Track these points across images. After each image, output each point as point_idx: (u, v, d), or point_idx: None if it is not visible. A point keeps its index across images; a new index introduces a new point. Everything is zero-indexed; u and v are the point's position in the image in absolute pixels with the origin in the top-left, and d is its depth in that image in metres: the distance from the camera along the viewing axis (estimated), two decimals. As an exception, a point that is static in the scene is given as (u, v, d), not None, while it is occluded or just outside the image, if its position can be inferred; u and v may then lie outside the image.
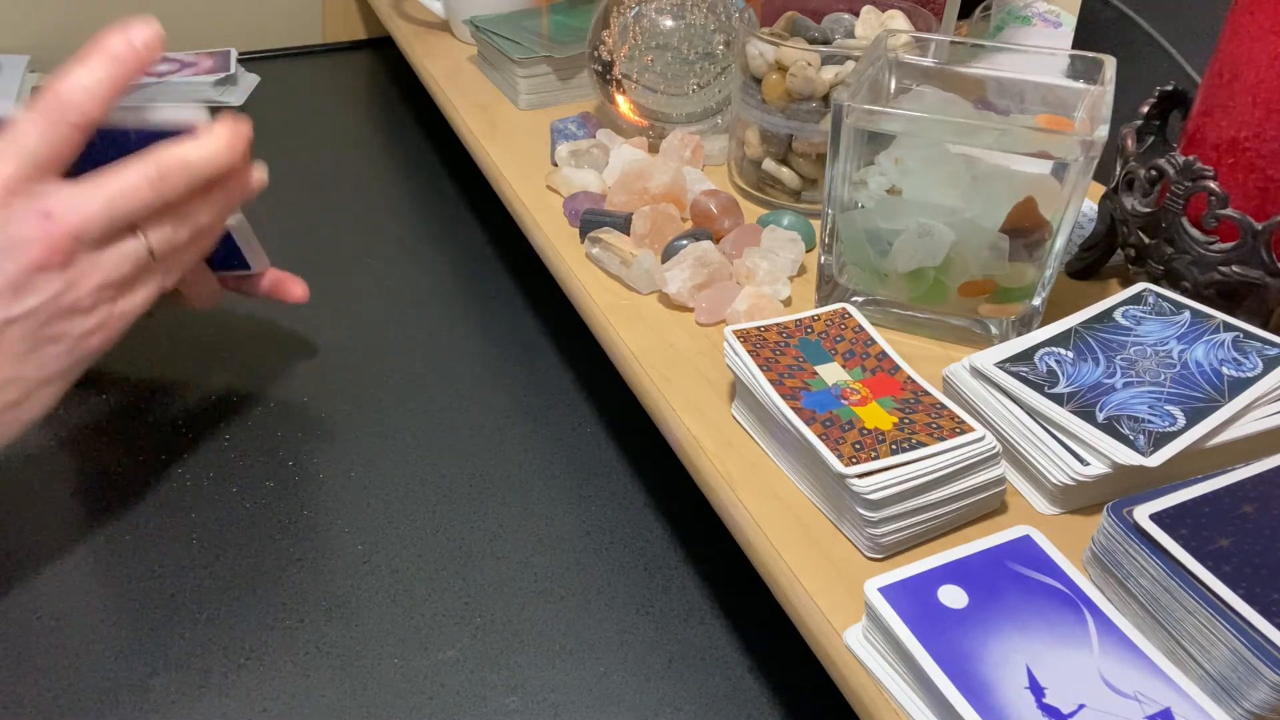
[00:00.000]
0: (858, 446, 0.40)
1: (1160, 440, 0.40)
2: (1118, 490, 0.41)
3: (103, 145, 0.43)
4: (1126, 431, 0.40)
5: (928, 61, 0.54)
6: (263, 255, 0.57)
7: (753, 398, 0.45)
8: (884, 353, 0.46)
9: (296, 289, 0.58)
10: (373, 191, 0.86)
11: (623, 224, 0.59)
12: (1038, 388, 0.43)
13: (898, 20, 0.61)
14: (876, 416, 0.42)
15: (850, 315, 0.48)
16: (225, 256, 0.55)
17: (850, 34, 0.62)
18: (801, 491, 0.43)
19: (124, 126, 0.44)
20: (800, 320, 0.48)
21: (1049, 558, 0.36)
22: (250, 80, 1.04)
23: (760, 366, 0.44)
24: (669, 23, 0.67)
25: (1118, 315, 0.47)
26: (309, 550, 0.52)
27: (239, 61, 1.04)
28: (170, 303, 0.55)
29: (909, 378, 0.44)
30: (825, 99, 0.59)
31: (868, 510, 0.38)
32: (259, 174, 0.50)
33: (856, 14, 0.63)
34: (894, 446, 0.40)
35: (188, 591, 0.49)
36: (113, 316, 0.44)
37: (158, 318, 0.58)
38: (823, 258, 0.52)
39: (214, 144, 0.44)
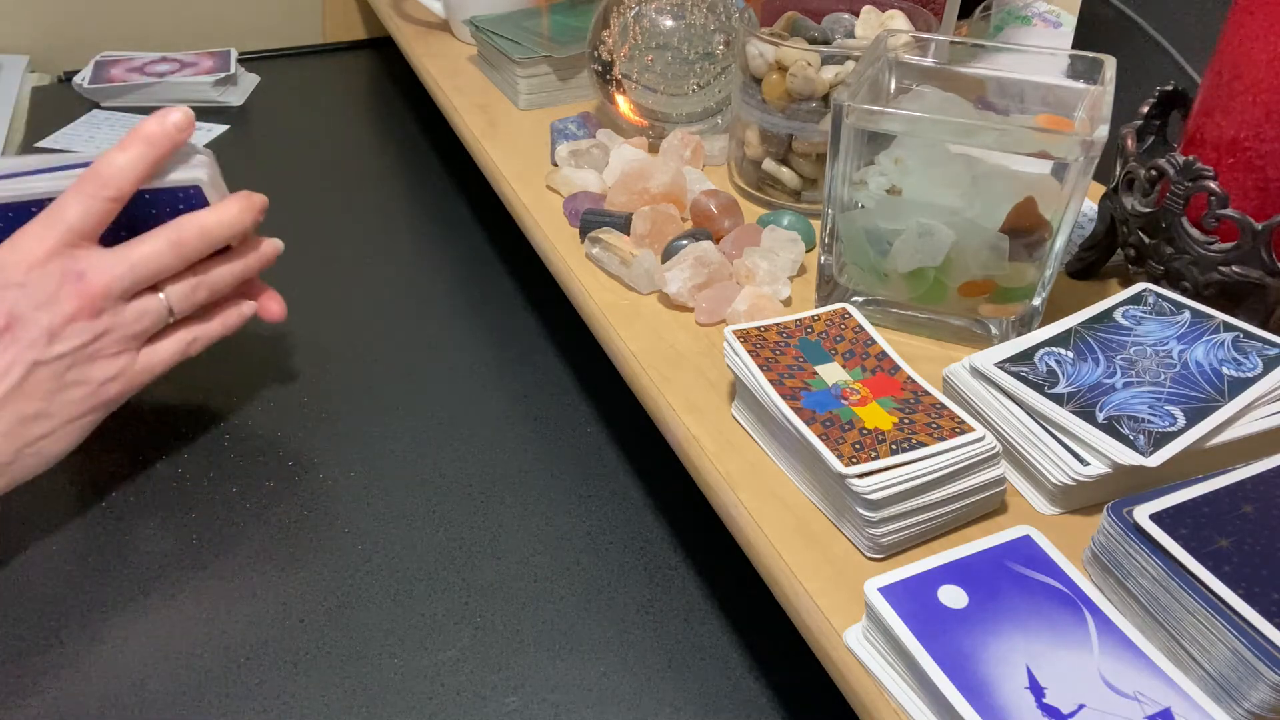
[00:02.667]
0: (858, 446, 0.40)
1: (1160, 440, 0.40)
2: (1118, 490, 0.41)
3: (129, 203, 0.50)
4: (1126, 431, 0.40)
5: (928, 61, 0.54)
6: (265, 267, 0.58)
7: (753, 398, 0.45)
8: (884, 353, 0.46)
9: (274, 306, 0.59)
10: (372, 192, 0.86)
11: (623, 224, 0.59)
12: (1038, 388, 0.43)
13: (898, 20, 0.61)
14: (876, 416, 0.42)
15: (850, 315, 0.48)
16: None
17: (850, 34, 0.62)
18: (801, 491, 0.43)
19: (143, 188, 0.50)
20: (800, 320, 0.48)
21: (1049, 558, 0.36)
22: (250, 80, 1.04)
23: (760, 366, 0.44)
24: (669, 23, 0.67)
25: (1118, 315, 0.47)
26: (309, 550, 0.52)
27: (239, 61, 1.04)
28: None
29: (909, 378, 0.44)
30: (825, 99, 0.59)
31: (868, 510, 0.38)
32: (273, 243, 0.56)
33: (856, 14, 0.63)
34: (894, 446, 0.40)
35: (188, 592, 0.49)
36: (133, 367, 0.50)
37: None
38: (823, 258, 0.52)
39: (227, 212, 0.51)
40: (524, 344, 0.68)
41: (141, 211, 0.51)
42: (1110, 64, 0.50)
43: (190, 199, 0.52)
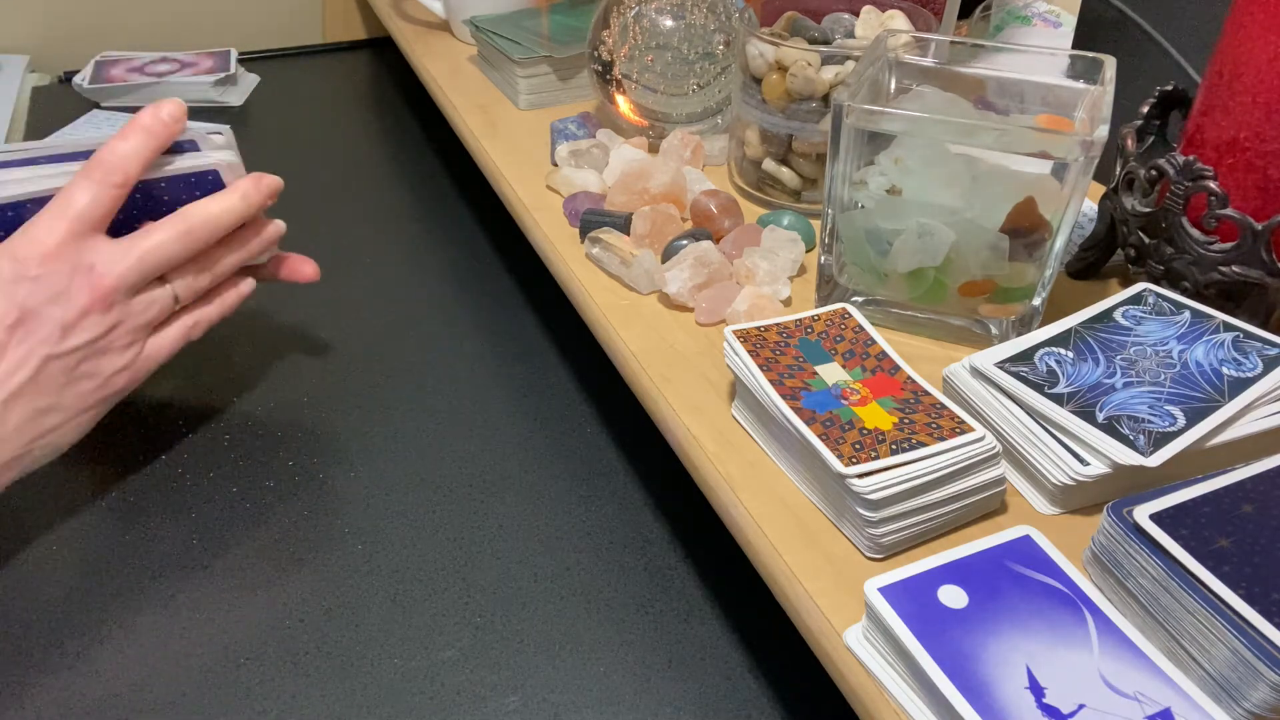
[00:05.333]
0: (858, 446, 0.40)
1: (1160, 440, 0.40)
2: (1118, 490, 0.41)
3: (141, 191, 0.51)
4: (1126, 431, 0.40)
5: (928, 61, 0.54)
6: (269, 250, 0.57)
7: (753, 398, 0.45)
8: (884, 353, 0.46)
9: (307, 268, 0.60)
10: (372, 192, 0.86)
11: (623, 224, 0.59)
12: (1038, 388, 0.43)
13: (898, 20, 0.61)
14: (876, 416, 0.42)
15: (850, 315, 0.48)
16: None
17: (850, 34, 0.62)
18: (801, 491, 0.43)
19: (151, 177, 0.51)
20: (800, 320, 0.48)
21: (1049, 558, 0.36)
22: (250, 80, 1.04)
23: (760, 366, 0.44)
24: (669, 23, 0.67)
25: (1118, 315, 0.47)
26: (309, 550, 0.52)
27: (239, 61, 1.04)
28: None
29: (909, 378, 0.44)
30: (825, 99, 0.59)
31: (868, 510, 0.38)
32: (276, 225, 0.56)
33: (856, 14, 0.63)
34: (894, 446, 0.40)
35: (188, 592, 0.49)
36: (140, 358, 0.50)
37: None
38: (823, 258, 0.52)
39: (233, 198, 0.52)
40: (524, 344, 0.68)
41: (156, 199, 0.51)
42: (1110, 64, 0.50)
43: (207, 184, 0.52)
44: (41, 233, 0.46)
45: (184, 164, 0.51)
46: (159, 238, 0.49)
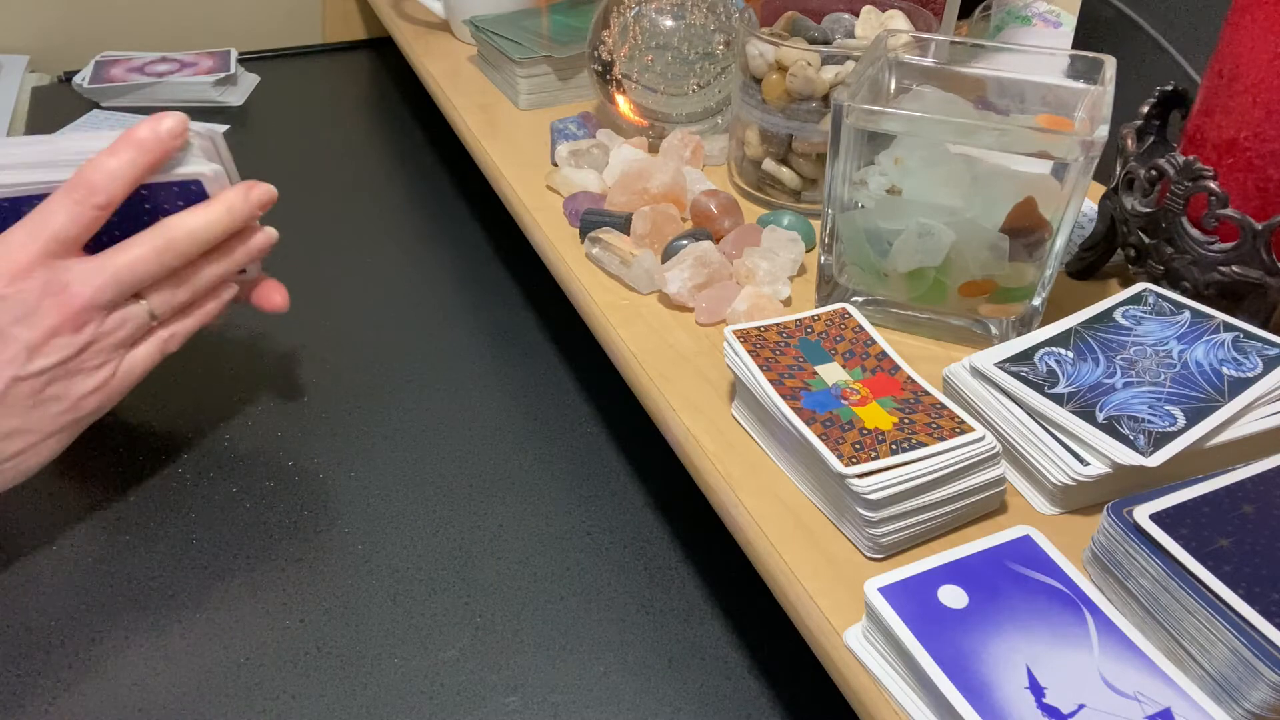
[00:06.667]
0: (858, 446, 0.40)
1: (1160, 440, 0.40)
2: (1118, 490, 0.41)
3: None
4: (1126, 431, 0.40)
5: (928, 61, 0.54)
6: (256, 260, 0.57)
7: (753, 398, 0.45)
8: (884, 353, 0.46)
9: (277, 296, 0.56)
10: (372, 191, 0.86)
11: (623, 224, 0.59)
12: (1038, 388, 0.43)
13: (898, 20, 0.61)
14: (876, 416, 0.42)
15: (850, 315, 0.48)
16: None
17: (850, 34, 0.62)
18: (801, 491, 0.43)
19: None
20: (800, 320, 0.48)
21: (1049, 558, 0.36)
22: (250, 80, 1.04)
23: (760, 366, 0.44)
24: (669, 23, 0.67)
25: (1118, 315, 0.47)
26: (309, 550, 0.52)
27: (239, 61, 1.04)
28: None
29: (909, 378, 0.44)
30: (825, 99, 0.59)
31: (868, 510, 0.38)
32: (267, 233, 0.53)
33: (856, 14, 0.63)
34: (894, 446, 0.40)
35: (188, 591, 0.49)
36: (113, 379, 0.48)
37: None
38: (823, 258, 0.52)
39: (217, 212, 0.49)
40: (524, 343, 0.68)
41: (136, 207, 0.49)
42: (1110, 64, 0.50)
43: (191, 194, 0.49)
44: (14, 250, 0.44)
45: (175, 171, 0.48)
46: (135, 253, 0.46)
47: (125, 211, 0.48)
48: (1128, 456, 0.39)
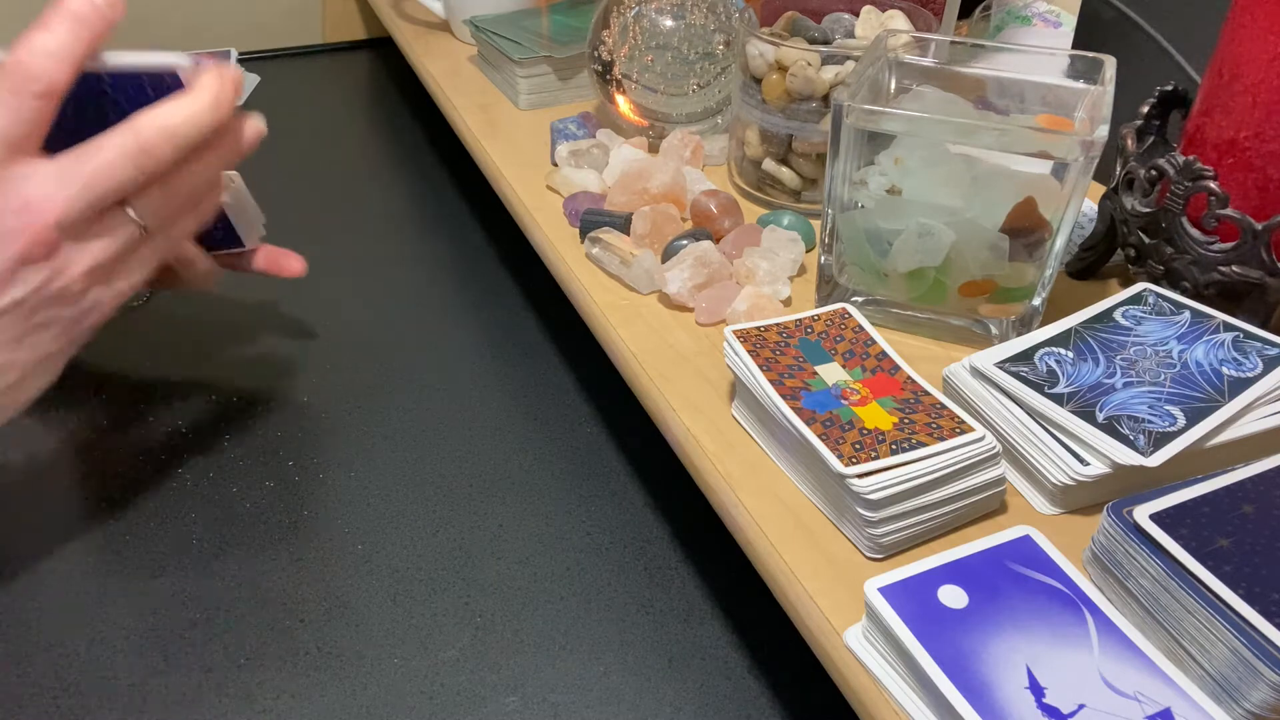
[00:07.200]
0: (858, 446, 0.40)
1: (1160, 440, 0.40)
2: (1118, 490, 0.41)
3: (76, 95, 0.40)
4: (1126, 431, 0.40)
5: (928, 61, 0.54)
6: (255, 230, 0.56)
7: (753, 398, 0.45)
8: (884, 353, 0.46)
9: (294, 263, 0.56)
10: (372, 192, 0.86)
11: (623, 224, 0.59)
12: (1038, 388, 0.43)
13: (898, 20, 0.61)
14: (876, 416, 0.42)
15: (850, 315, 0.48)
16: (220, 236, 0.55)
17: (850, 34, 0.62)
18: (801, 491, 0.43)
19: (98, 71, 0.41)
20: (800, 320, 0.48)
21: (1049, 558, 0.36)
22: (250, 80, 1.04)
23: (760, 366, 0.44)
24: (669, 23, 0.67)
25: (1118, 315, 0.47)
26: (309, 550, 0.52)
27: (239, 61, 1.03)
28: (167, 284, 0.55)
29: (909, 378, 0.44)
30: (825, 99, 0.59)
31: (868, 510, 0.38)
32: (254, 125, 0.46)
33: (856, 14, 0.63)
34: (894, 446, 0.40)
35: (188, 591, 0.49)
36: (108, 295, 0.42)
37: (155, 316, 0.58)
38: (823, 258, 0.52)
39: (197, 104, 0.41)
40: (524, 343, 0.68)
41: (100, 105, 0.42)
42: (1110, 64, 0.50)
43: (165, 88, 0.42)
44: None
45: (133, 60, 0.41)
46: (106, 157, 0.39)
47: (89, 114, 0.41)
48: (1128, 456, 0.39)
